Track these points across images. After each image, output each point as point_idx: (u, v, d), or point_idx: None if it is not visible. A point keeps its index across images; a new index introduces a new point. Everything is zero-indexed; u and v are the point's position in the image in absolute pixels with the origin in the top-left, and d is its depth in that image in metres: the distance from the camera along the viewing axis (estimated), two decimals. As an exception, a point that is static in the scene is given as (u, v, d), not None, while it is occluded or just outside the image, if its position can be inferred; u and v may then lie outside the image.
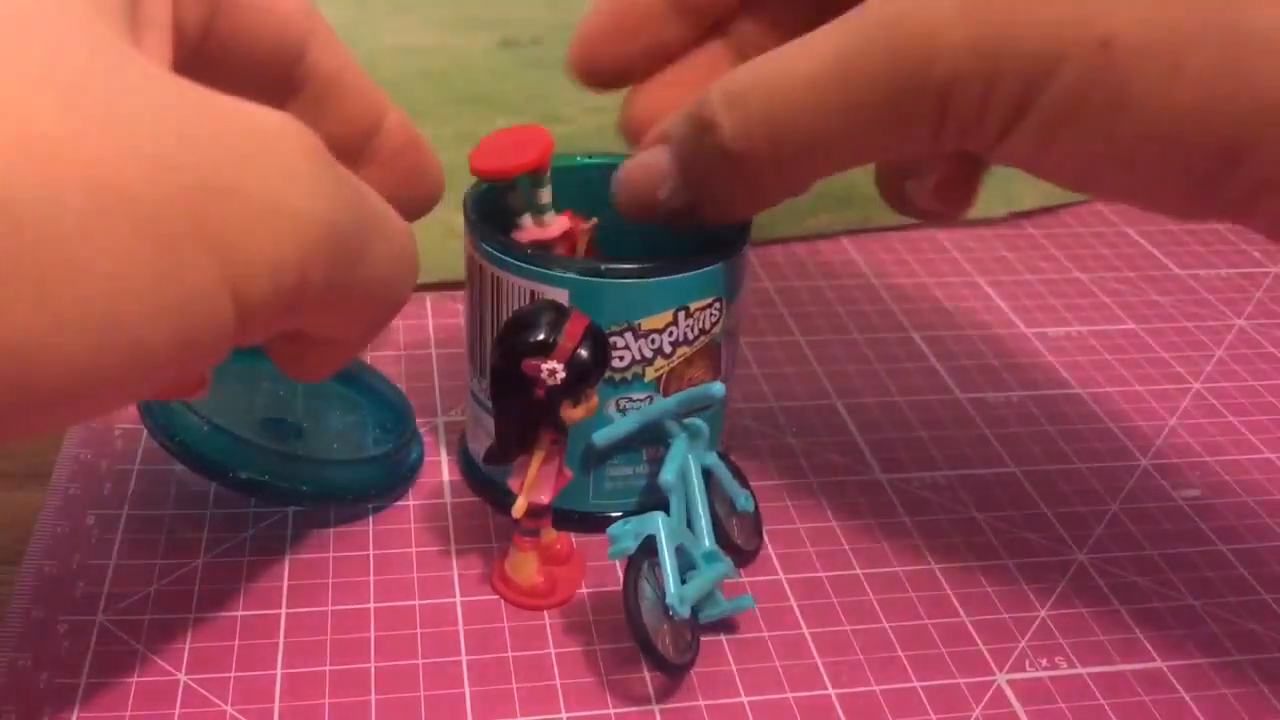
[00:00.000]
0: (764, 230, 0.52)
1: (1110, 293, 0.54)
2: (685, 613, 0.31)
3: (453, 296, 0.49)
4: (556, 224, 0.37)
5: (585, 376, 0.31)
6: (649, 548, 0.31)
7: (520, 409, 0.31)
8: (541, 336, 0.30)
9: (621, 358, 0.34)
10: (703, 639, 0.33)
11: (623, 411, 0.35)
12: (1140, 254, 0.57)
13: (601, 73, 0.38)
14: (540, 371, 0.30)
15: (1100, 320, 0.51)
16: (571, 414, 0.31)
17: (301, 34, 0.30)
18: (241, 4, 0.29)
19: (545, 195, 0.37)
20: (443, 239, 0.50)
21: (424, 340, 0.47)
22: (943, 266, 0.55)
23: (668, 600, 0.30)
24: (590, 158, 0.39)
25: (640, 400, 0.35)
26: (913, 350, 0.48)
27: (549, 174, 0.36)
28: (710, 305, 0.34)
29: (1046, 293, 0.53)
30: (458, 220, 0.36)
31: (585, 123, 0.52)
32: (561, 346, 0.30)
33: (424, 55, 0.50)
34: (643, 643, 0.31)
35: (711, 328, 0.35)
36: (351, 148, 0.33)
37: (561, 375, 0.30)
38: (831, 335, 0.49)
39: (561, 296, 0.33)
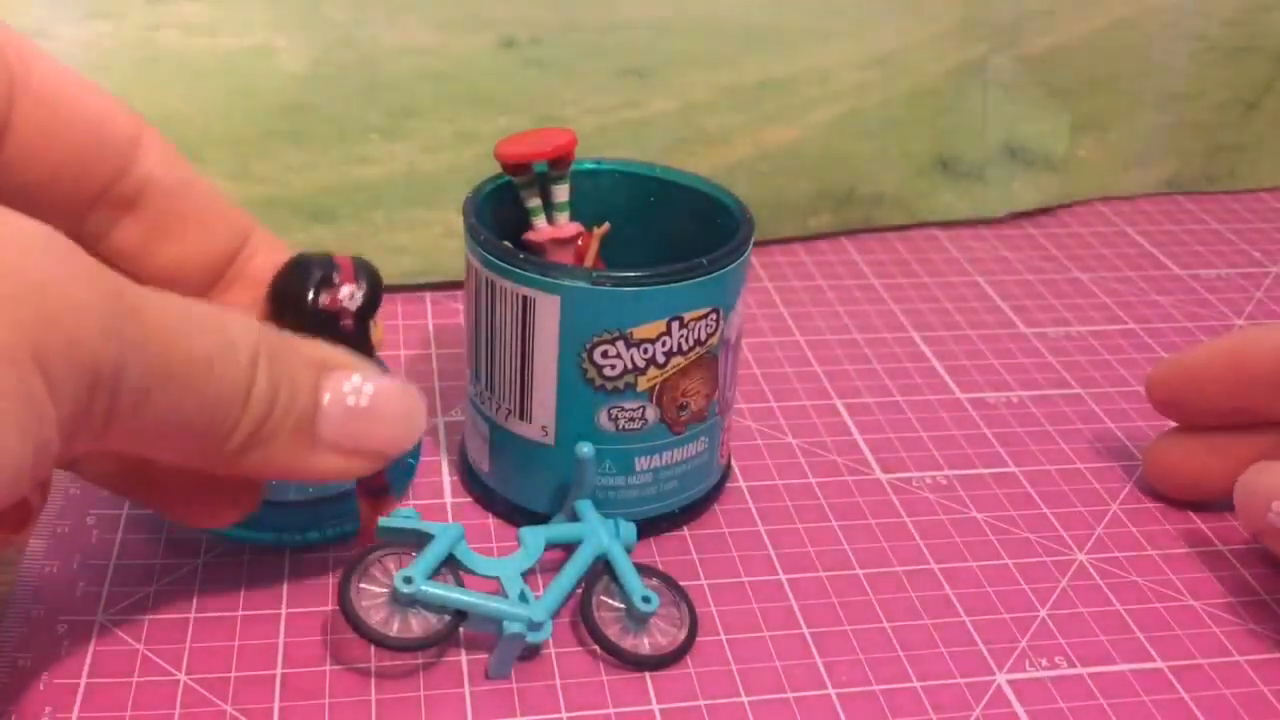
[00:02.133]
0: (764, 230, 0.52)
1: (1110, 293, 0.54)
2: (405, 589, 0.30)
3: (453, 297, 0.49)
4: (571, 225, 0.37)
5: (376, 290, 0.31)
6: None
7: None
8: (321, 273, 0.30)
9: (613, 366, 0.34)
10: (703, 639, 0.33)
11: (614, 421, 0.34)
12: (1140, 254, 0.57)
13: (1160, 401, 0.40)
14: (339, 298, 0.30)
15: (1100, 320, 0.51)
16: (376, 332, 0.31)
17: (121, 141, 0.29)
18: (39, 102, 0.27)
19: (563, 192, 0.37)
20: (442, 238, 0.50)
21: (424, 340, 0.47)
22: (943, 266, 0.55)
23: (395, 577, 0.30)
24: (600, 163, 0.39)
25: (632, 410, 0.34)
26: (913, 350, 0.48)
27: (569, 172, 0.37)
28: (706, 315, 0.34)
29: (1046, 293, 0.53)
30: (458, 220, 0.36)
31: (585, 123, 0.52)
32: (345, 270, 0.30)
33: (424, 55, 0.50)
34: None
35: (708, 339, 0.35)
36: (210, 269, 0.31)
37: (361, 292, 0.30)
38: (831, 335, 0.49)
39: (553, 303, 0.33)
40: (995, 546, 0.37)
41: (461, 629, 0.32)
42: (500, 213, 0.37)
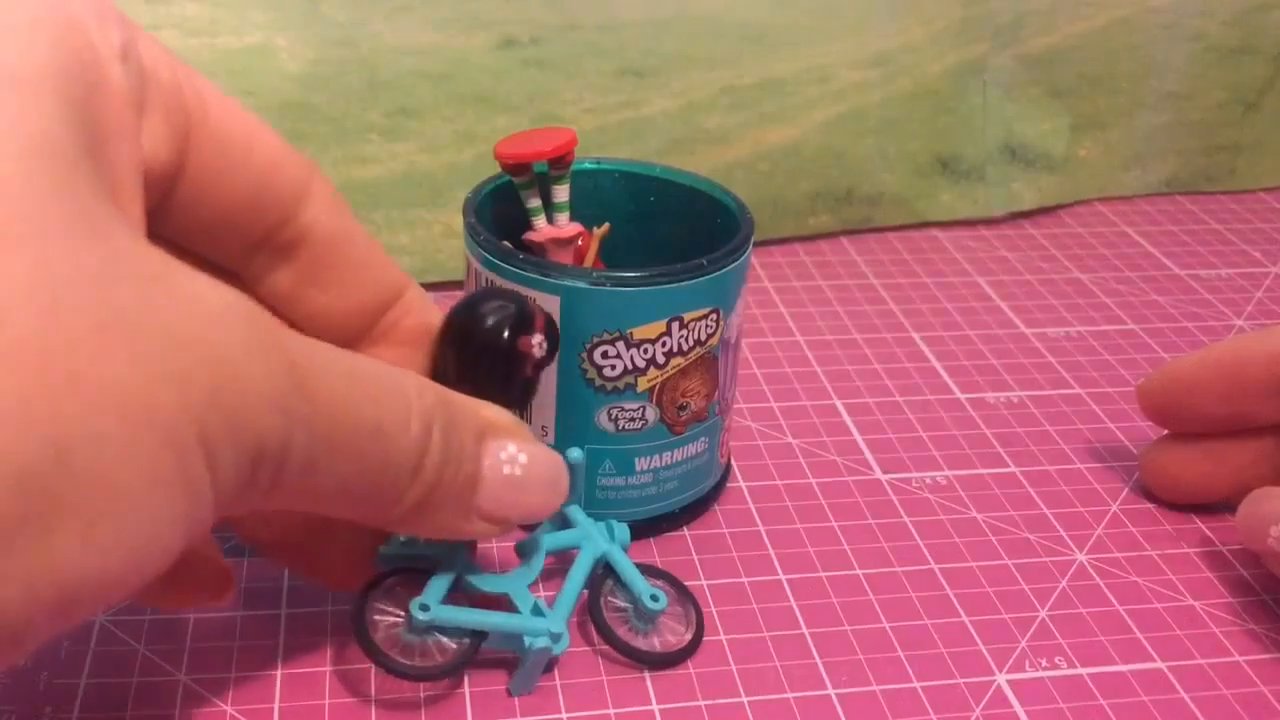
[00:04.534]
0: (764, 230, 0.52)
1: (1110, 293, 0.54)
2: (423, 617, 0.29)
3: (453, 297, 0.49)
4: (571, 225, 0.37)
5: (557, 347, 0.30)
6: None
7: (504, 396, 0.30)
8: (518, 314, 0.30)
9: (613, 367, 0.34)
10: (703, 639, 0.33)
11: (614, 421, 0.34)
12: (1140, 254, 0.57)
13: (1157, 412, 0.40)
14: (532, 347, 0.29)
15: (1100, 320, 0.51)
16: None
17: (291, 188, 0.29)
18: (213, 145, 0.27)
19: (563, 192, 0.37)
20: (443, 238, 0.50)
21: (424, 340, 0.47)
22: (943, 266, 0.55)
23: (410, 606, 0.29)
24: (600, 163, 0.39)
25: (632, 410, 0.34)
26: (913, 350, 0.48)
27: (569, 172, 0.37)
28: (706, 316, 0.34)
29: (1046, 293, 0.53)
30: (458, 220, 0.36)
31: (585, 123, 0.52)
32: (538, 317, 0.30)
33: (424, 55, 0.50)
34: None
35: (708, 339, 0.35)
36: (358, 322, 0.31)
37: (549, 345, 0.30)
38: (831, 335, 0.49)
39: (554, 303, 0.33)
40: (995, 546, 0.37)
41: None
42: (500, 213, 0.37)
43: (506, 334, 0.29)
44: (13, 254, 0.18)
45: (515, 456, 0.28)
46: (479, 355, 0.30)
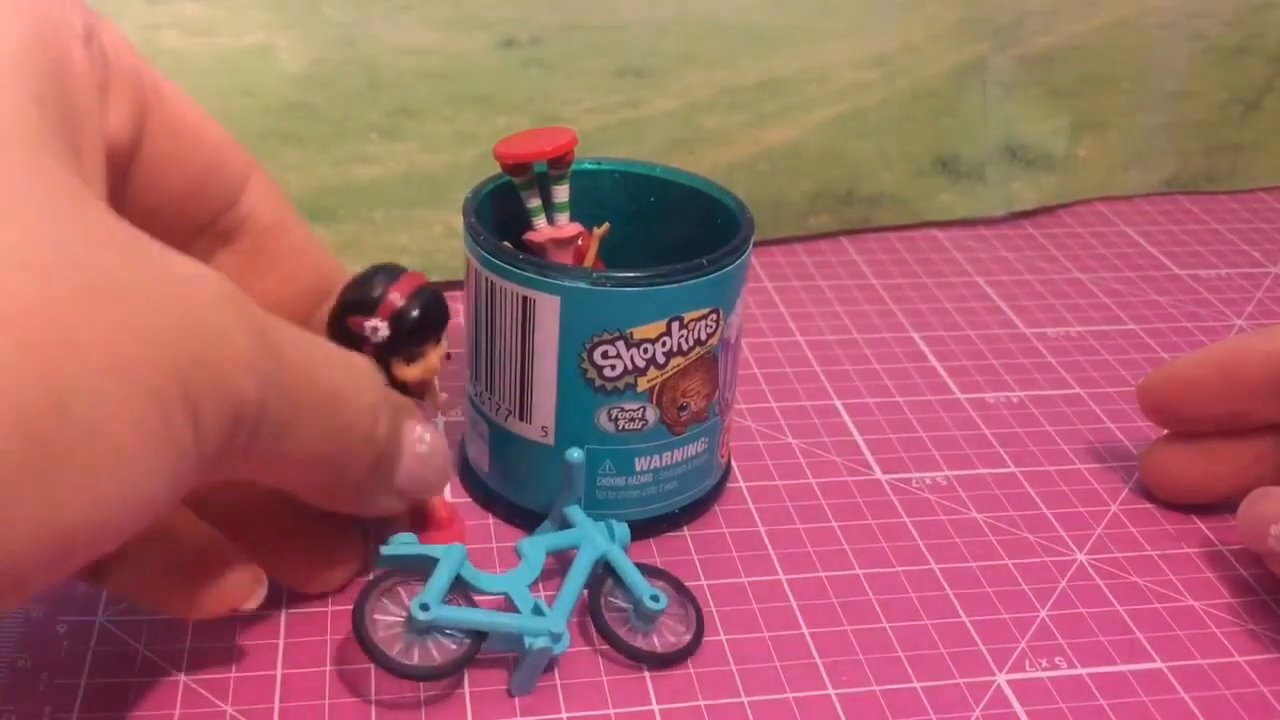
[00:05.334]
0: (764, 230, 0.52)
1: (1110, 293, 0.54)
2: (423, 617, 0.29)
3: (453, 297, 0.49)
4: (571, 225, 0.37)
5: (412, 333, 0.31)
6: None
7: None
8: (368, 294, 0.31)
9: (613, 367, 0.34)
10: (703, 639, 0.33)
11: (614, 422, 0.34)
12: (1140, 254, 0.57)
13: (1159, 409, 0.40)
14: (363, 328, 0.31)
15: (1100, 320, 0.51)
16: (406, 373, 0.32)
17: (235, 175, 0.30)
18: (168, 129, 0.28)
19: (562, 193, 0.37)
20: (443, 238, 0.50)
21: (424, 340, 0.46)
22: (943, 266, 0.55)
23: (410, 605, 0.30)
24: (600, 163, 0.39)
25: (632, 410, 0.34)
26: (913, 350, 0.48)
27: (569, 172, 0.37)
28: (706, 316, 0.34)
29: (1046, 293, 0.53)
30: (458, 220, 0.36)
31: (585, 123, 0.52)
32: (386, 303, 0.31)
33: (424, 55, 0.50)
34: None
35: (708, 339, 0.35)
36: (295, 310, 0.32)
37: (385, 332, 0.31)
38: (831, 335, 0.49)
39: (553, 303, 0.33)
40: (995, 546, 0.37)
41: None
42: (500, 213, 0.37)
43: (340, 311, 0.31)
44: (2, 225, 0.19)
45: (423, 435, 0.30)
46: (328, 331, 0.32)
